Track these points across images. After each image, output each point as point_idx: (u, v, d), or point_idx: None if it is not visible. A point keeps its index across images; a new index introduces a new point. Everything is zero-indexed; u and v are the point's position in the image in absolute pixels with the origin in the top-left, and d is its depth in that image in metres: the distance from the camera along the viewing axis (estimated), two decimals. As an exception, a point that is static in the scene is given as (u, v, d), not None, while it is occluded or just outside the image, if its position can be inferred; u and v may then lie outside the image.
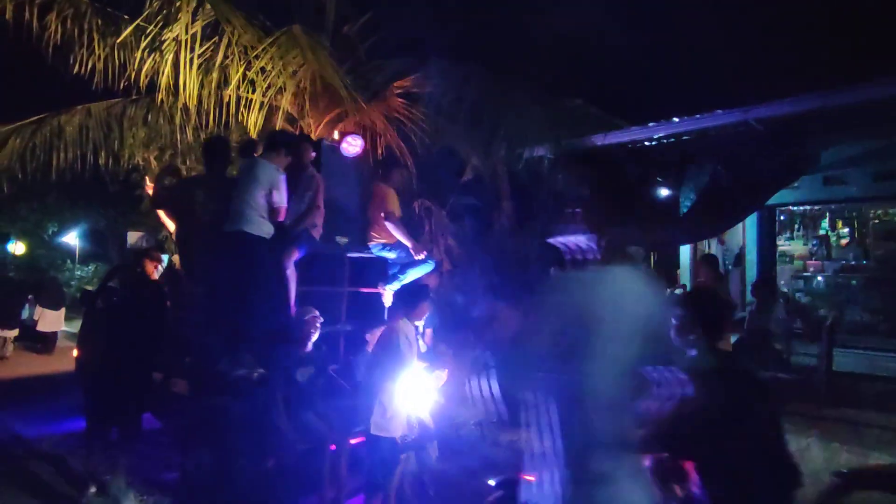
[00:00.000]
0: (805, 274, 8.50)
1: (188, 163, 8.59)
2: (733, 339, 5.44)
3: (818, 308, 8.04)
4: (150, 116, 7.34)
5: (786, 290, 8.41)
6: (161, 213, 4.53)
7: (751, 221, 7.79)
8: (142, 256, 5.20)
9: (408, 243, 4.64)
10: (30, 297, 11.56)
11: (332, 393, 3.77)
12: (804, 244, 8.63)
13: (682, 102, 5.92)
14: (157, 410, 4.57)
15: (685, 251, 8.93)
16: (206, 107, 7.18)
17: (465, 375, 5.28)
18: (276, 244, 3.65)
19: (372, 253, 4.72)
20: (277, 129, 5.05)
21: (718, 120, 5.49)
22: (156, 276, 5.07)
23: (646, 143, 5.96)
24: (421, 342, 4.12)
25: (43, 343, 11.29)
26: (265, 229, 3.51)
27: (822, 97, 5.00)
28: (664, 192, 6.00)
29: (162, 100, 7.15)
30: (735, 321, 5.81)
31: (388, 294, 4.58)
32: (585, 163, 6.19)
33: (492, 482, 3.01)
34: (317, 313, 3.77)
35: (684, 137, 5.75)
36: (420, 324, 3.84)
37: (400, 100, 8.14)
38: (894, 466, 3.56)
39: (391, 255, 4.72)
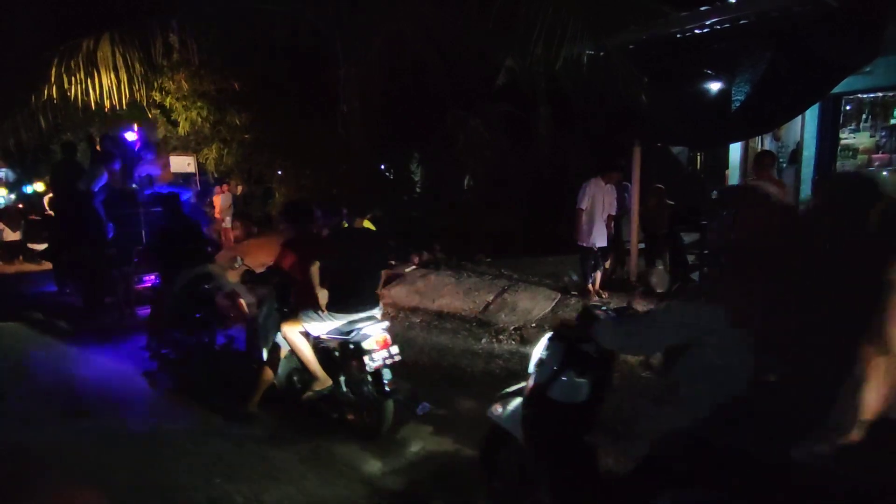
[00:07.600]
0: (869, 168, 7.92)
1: (215, 84, 8.52)
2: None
3: (881, 204, 7.56)
4: (173, 37, 7.22)
5: (846, 187, 7.90)
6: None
7: (811, 113, 7.19)
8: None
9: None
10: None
11: (138, 259, 7.09)
12: (871, 136, 7.94)
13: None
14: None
15: (735, 149, 8.41)
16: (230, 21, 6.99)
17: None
18: (94, 194, 7.10)
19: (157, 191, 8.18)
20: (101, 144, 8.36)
21: (783, -2, 4.90)
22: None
23: (696, 32, 5.42)
24: None
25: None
26: (88, 188, 7.11)
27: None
28: (714, 85, 5.54)
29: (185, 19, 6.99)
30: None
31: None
32: (629, 58, 5.75)
33: None
34: (110, 223, 7.17)
35: (741, 21, 5.18)
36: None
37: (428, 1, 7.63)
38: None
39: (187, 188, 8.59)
